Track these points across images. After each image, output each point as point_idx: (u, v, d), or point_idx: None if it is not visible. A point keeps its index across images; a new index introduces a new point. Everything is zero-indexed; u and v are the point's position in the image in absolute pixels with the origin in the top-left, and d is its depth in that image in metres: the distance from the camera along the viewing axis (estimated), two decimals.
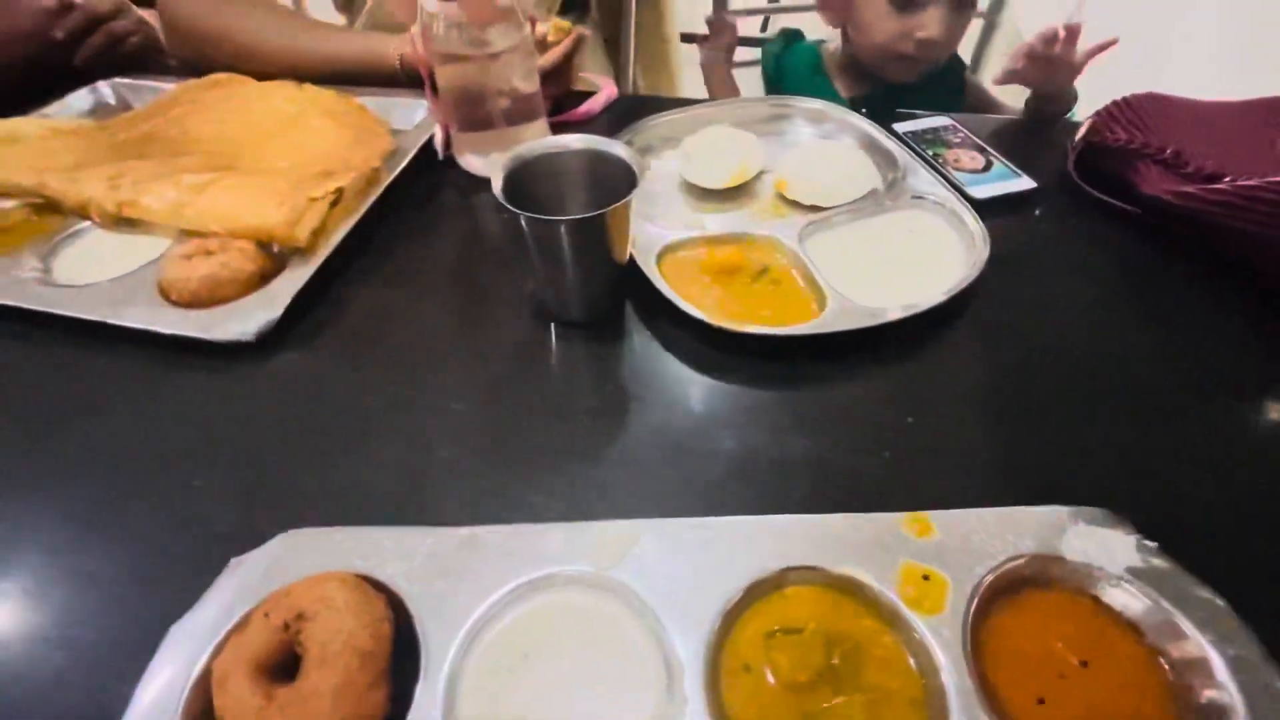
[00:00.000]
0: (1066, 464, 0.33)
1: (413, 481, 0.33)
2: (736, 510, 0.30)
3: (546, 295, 0.40)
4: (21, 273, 0.43)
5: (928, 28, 0.62)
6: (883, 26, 0.64)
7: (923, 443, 0.34)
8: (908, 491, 0.32)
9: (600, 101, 0.61)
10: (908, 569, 0.26)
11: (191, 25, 0.62)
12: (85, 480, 0.34)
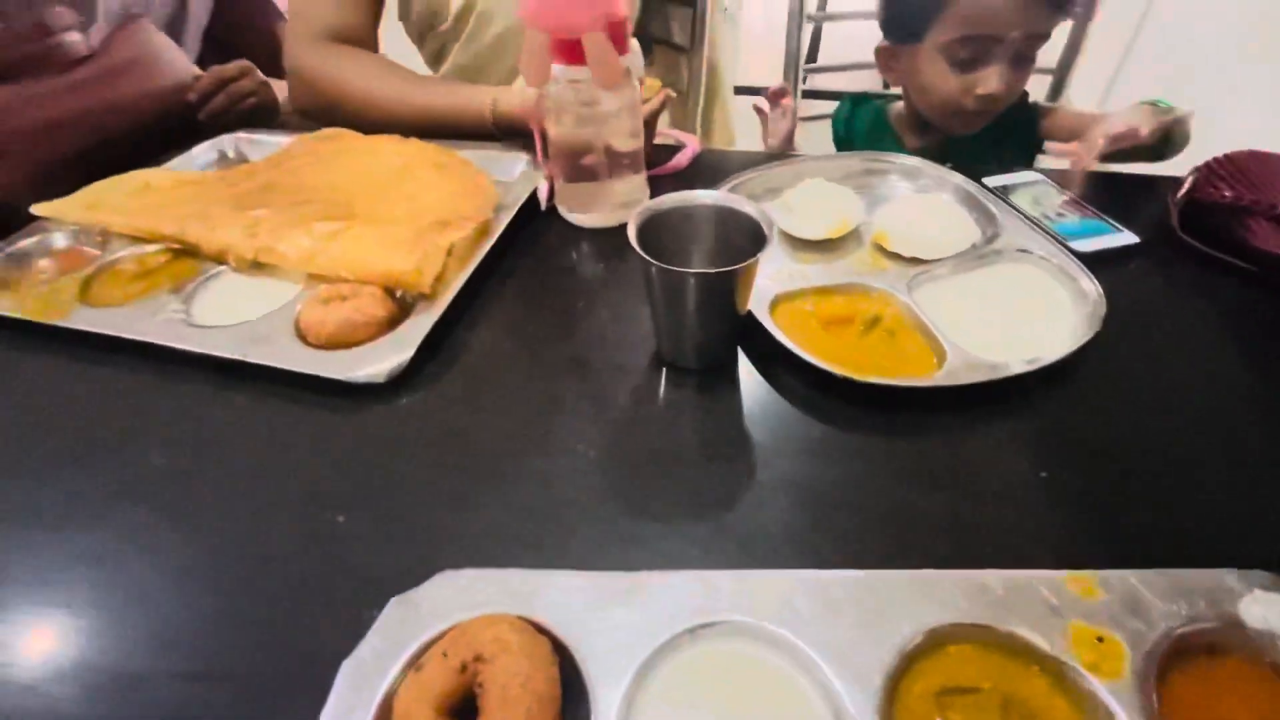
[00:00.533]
0: (1218, 524, 0.32)
1: (548, 524, 0.34)
2: (878, 562, 0.30)
3: (665, 341, 0.41)
4: (165, 314, 0.46)
5: (987, 83, 0.63)
6: (943, 84, 0.66)
7: (1060, 498, 0.34)
8: (1052, 549, 0.31)
9: (688, 156, 0.64)
10: (1079, 630, 0.26)
11: (314, 78, 0.66)
12: (231, 515, 0.35)
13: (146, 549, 0.34)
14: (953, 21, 0.61)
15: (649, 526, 0.34)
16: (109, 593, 0.32)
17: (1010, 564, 0.29)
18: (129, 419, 0.41)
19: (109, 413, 0.42)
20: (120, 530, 0.35)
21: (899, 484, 0.35)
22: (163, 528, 0.35)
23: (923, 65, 0.65)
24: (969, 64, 0.62)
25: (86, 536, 0.35)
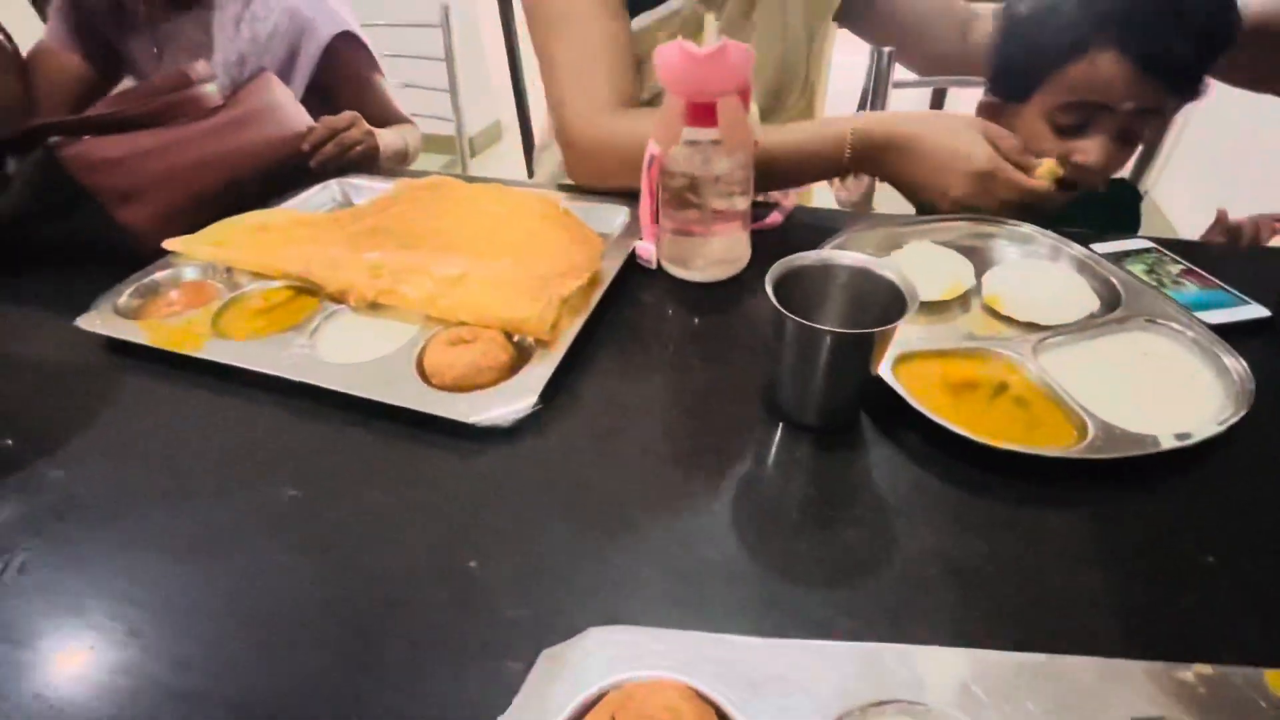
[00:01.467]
0: None
1: (685, 581, 0.33)
2: (1044, 645, 0.28)
3: (790, 397, 0.41)
4: (294, 349, 0.47)
5: (1087, 153, 0.63)
6: (1040, 148, 0.66)
7: (1234, 585, 0.32)
8: (1236, 642, 0.29)
9: (782, 214, 0.65)
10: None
11: (619, 145, 0.63)
12: (362, 554, 0.35)
13: (276, 585, 0.34)
14: (1063, 85, 0.61)
15: (791, 589, 0.32)
16: (241, 627, 0.32)
17: (1192, 655, 0.27)
18: (261, 451, 0.42)
19: (242, 444, 0.43)
20: (251, 563, 0.35)
21: (1053, 560, 0.33)
22: (293, 563, 0.35)
23: (1023, 126, 0.65)
24: (1071, 131, 0.62)
25: (219, 565, 0.35)
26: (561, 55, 0.67)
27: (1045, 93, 0.62)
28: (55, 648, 0.31)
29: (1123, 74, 0.58)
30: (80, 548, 0.36)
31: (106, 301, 0.52)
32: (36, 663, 0.31)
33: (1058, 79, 0.61)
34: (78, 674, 0.30)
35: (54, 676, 0.30)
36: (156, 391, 0.47)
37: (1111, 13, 0.58)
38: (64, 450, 0.43)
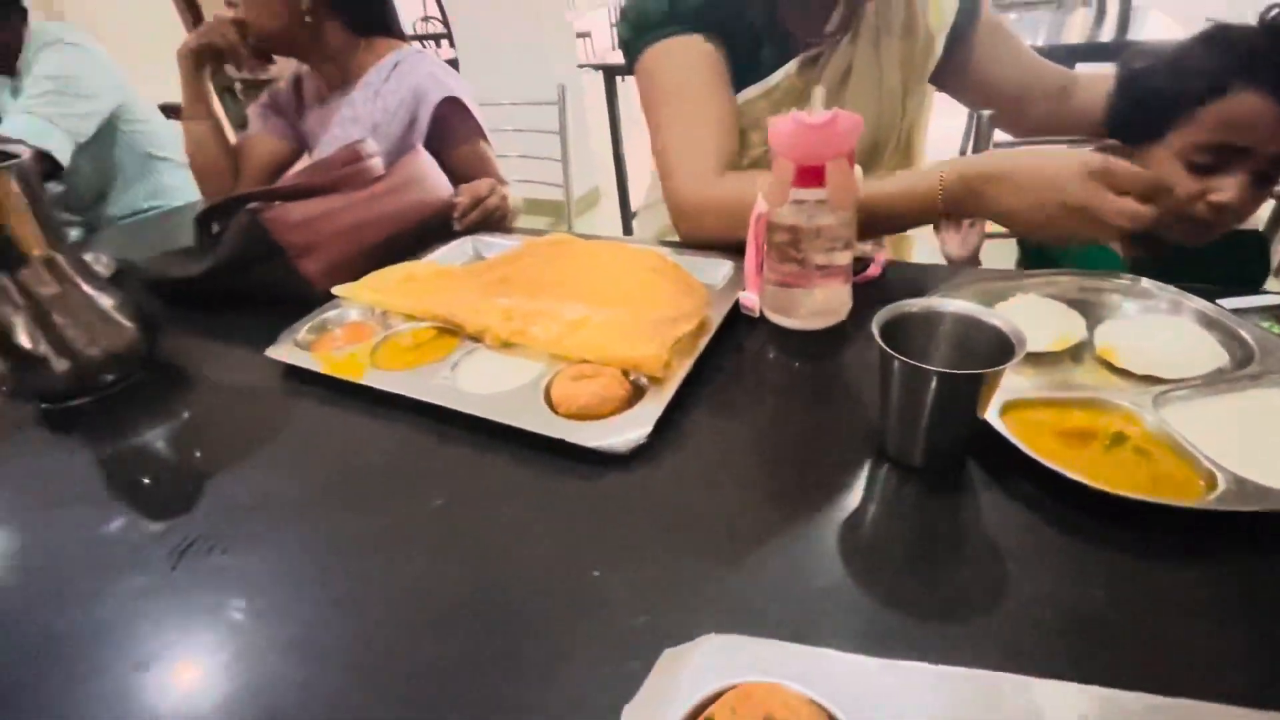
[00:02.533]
0: None
1: (793, 605, 0.35)
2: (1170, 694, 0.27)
3: (894, 438, 0.43)
4: (439, 379, 0.54)
5: (1225, 192, 0.61)
6: (1179, 188, 0.64)
7: None
8: None
9: (878, 267, 0.67)
10: None
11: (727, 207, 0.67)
12: (497, 559, 0.40)
13: (424, 580, 0.39)
14: (1201, 125, 0.61)
15: (901, 620, 0.33)
16: (393, 615, 0.37)
17: None
18: (411, 466, 0.48)
19: (395, 459, 0.49)
20: (403, 560, 0.40)
21: (1179, 612, 0.32)
22: (439, 562, 0.40)
23: (1154, 168, 0.64)
24: (1208, 170, 0.61)
25: (377, 560, 0.40)
26: (672, 126, 0.74)
27: (1182, 133, 0.62)
28: (234, 622, 0.37)
29: (1265, 114, 0.57)
30: (258, 541, 0.43)
31: (288, 336, 0.62)
32: (221, 630, 0.37)
33: (1196, 120, 0.61)
34: (252, 642, 0.36)
35: (237, 643, 0.36)
36: (325, 412, 0.55)
37: (1255, 53, 0.58)
38: (249, 459, 0.51)
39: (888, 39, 0.76)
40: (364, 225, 0.75)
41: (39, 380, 0.58)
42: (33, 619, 0.39)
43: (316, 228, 0.71)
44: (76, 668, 0.36)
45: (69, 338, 0.57)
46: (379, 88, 1.04)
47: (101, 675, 0.35)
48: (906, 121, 0.83)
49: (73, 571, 0.42)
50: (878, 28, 0.76)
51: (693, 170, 0.71)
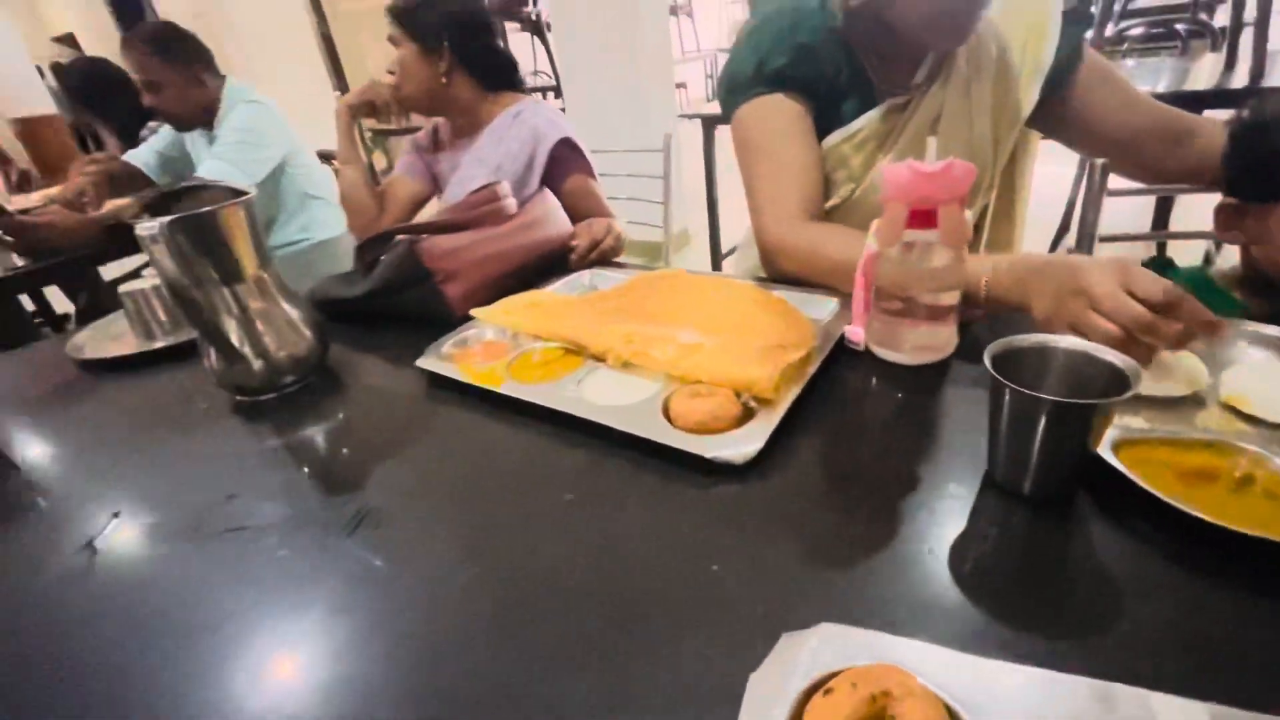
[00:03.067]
0: None
1: (903, 609, 0.37)
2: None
3: (1002, 465, 0.44)
4: (567, 391, 0.60)
5: None
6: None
7: None
8: None
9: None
10: None
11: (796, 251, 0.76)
12: (622, 548, 0.44)
13: (557, 565, 0.44)
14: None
15: (1014, 635, 0.35)
16: (529, 595, 0.42)
17: None
18: (542, 466, 0.54)
19: (528, 459, 0.55)
20: (537, 546, 0.46)
21: None
22: (570, 550, 0.45)
23: (1274, 227, 0.62)
24: None
25: (515, 544, 0.46)
26: (761, 175, 0.82)
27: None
28: (386, 591, 0.44)
29: None
30: (414, 519, 0.50)
31: (434, 350, 0.71)
32: (388, 587, 0.43)
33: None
34: (412, 600, 0.42)
35: (399, 599, 0.42)
36: (466, 416, 0.63)
37: None
38: (403, 452, 0.59)
39: (979, 85, 0.79)
40: (498, 256, 0.84)
41: (239, 376, 0.69)
42: (233, 566, 0.48)
43: (460, 257, 0.81)
44: (275, 605, 0.43)
45: (266, 343, 0.69)
46: (502, 134, 1.18)
47: (302, 614, 0.42)
48: (998, 164, 0.84)
49: (266, 533, 0.51)
50: (969, 75, 0.79)
51: (776, 215, 0.79)
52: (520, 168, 1.16)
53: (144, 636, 0.43)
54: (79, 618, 0.45)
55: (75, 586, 0.48)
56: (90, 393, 0.81)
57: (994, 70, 0.79)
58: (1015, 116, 0.81)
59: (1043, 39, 0.77)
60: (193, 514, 0.54)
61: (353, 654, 0.39)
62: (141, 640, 0.42)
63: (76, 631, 0.44)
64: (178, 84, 1.55)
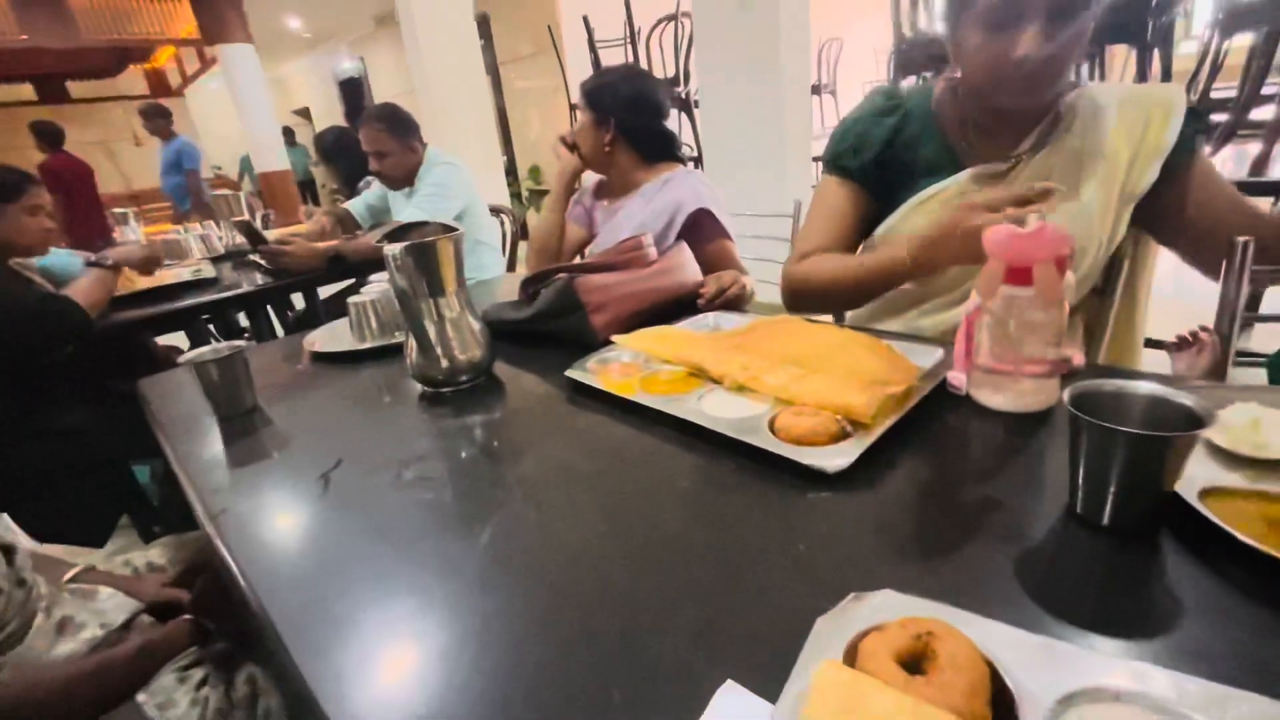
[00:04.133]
0: None
1: (970, 600, 0.43)
2: None
3: (1083, 496, 0.48)
4: (689, 403, 0.71)
5: None
6: None
7: None
8: None
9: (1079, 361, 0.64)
10: None
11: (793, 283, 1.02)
12: (731, 524, 0.53)
13: (669, 536, 0.54)
14: None
15: (1083, 639, 0.40)
16: (649, 562, 0.52)
17: None
18: (664, 460, 0.65)
19: (652, 454, 0.66)
20: (657, 521, 0.56)
21: None
22: (684, 525, 0.55)
23: None
24: None
25: (637, 520, 0.56)
26: (801, 234, 1.04)
27: None
28: (539, 537, 0.56)
29: None
30: (560, 490, 0.62)
31: (579, 365, 0.85)
32: (531, 540, 0.55)
33: None
34: (561, 545, 0.54)
35: (551, 543, 0.54)
36: (602, 419, 0.75)
37: None
38: (553, 440, 0.72)
39: (1092, 160, 0.83)
40: (639, 294, 0.99)
41: (429, 370, 0.87)
42: (422, 503, 0.62)
43: (607, 293, 0.97)
44: (454, 533, 0.57)
45: (452, 346, 0.86)
46: (651, 196, 1.36)
47: (471, 543, 0.56)
48: (1111, 240, 0.85)
49: (446, 483, 0.65)
50: (1081, 149, 0.83)
51: (791, 260, 1.02)
52: (661, 227, 1.33)
53: (355, 542, 0.58)
54: (318, 523, 0.62)
55: (314, 503, 0.65)
56: (320, 376, 1.04)
57: (1107, 145, 0.83)
58: (1130, 192, 0.83)
59: (1166, 121, 0.80)
60: (394, 465, 0.70)
61: (509, 577, 0.51)
62: (352, 544, 0.57)
63: (317, 531, 0.60)
64: (398, 152, 1.93)
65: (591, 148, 1.39)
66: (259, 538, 0.61)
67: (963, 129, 0.91)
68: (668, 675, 0.40)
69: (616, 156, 1.40)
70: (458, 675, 0.42)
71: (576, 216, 1.52)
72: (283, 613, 0.49)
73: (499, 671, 0.42)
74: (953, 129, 0.93)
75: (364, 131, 1.91)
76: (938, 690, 0.33)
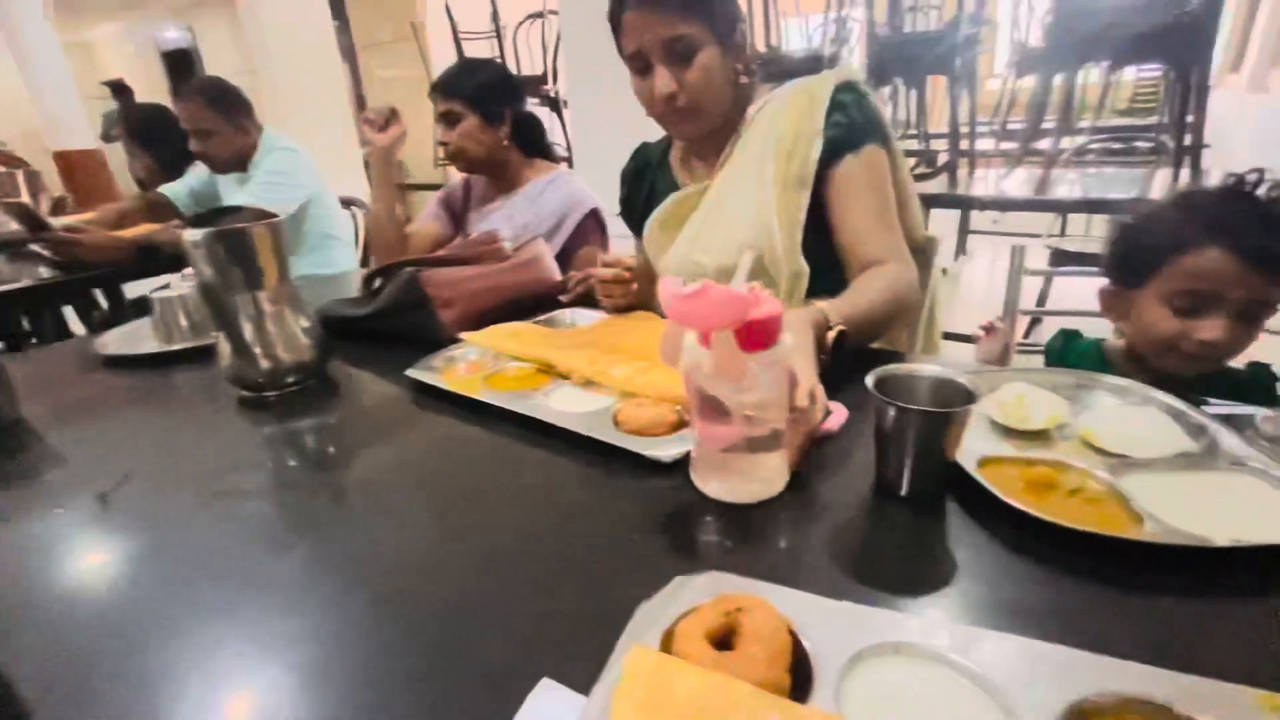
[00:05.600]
0: None
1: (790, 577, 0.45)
2: None
3: (888, 472, 0.53)
4: (534, 400, 0.69)
5: (1206, 331, 0.69)
6: (1164, 326, 0.72)
7: None
8: None
9: (836, 421, 0.62)
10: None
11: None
12: (576, 514, 0.52)
13: (514, 527, 0.52)
14: (1177, 274, 0.70)
15: (867, 591, 0.43)
16: (485, 556, 0.50)
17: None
18: (508, 458, 0.63)
19: (495, 453, 0.64)
20: (501, 516, 0.54)
21: (1106, 615, 0.40)
22: (530, 517, 0.53)
23: (1144, 308, 0.74)
24: (1189, 312, 0.70)
25: (481, 516, 0.54)
26: None
27: (1161, 279, 0.72)
28: (362, 538, 0.52)
29: (1229, 267, 0.66)
30: (391, 492, 0.58)
31: (423, 364, 0.81)
32: (352, 544, 0.51)
33: (1171, 269, 0.71)
34: (368, 553, 0.50)
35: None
36: (445, 421, 0.71)
37: (1215, 217, 0.68)
38: (381, 444, 0.68)
39: (766, 158, 0.89)
40: (491, 290, 0.96)
41: (246, 372, 0.78)
42: (225, 517, 0.55)
43: (457, 287, 0.92)
44: (260, 549, 0.51)
45: (274, 344, 0.78)
46: (535, 197, 1.34)
47: (281, 555, 0.50)
48: (788, 225, 0.88)
49: (254, 495, 0.59)
50: (760, 152, 0.89)
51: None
52: (546, 229, 1.30)
53: (137, 570, 0.50)
54: (88, 550, 0.53)
55: (85, 529, 0.56)
56: (112, 384, 0.90)
57: (777, 148, 0.88)
58: (799, 175, 0.87)
59: (822, 102, 0.86)
60: (191, 478, 0.62)
61: (326, 592, 0.47)
62: (134, 571, 0.50)
63: (80, 564, 0.52)
64: (224, 132, 1.72)
65: (486, 148, 1.33)
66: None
67: (682, 163, 1.03)
68: (489, 678, 0.38)
69: (509, 154, 1.37)
70: (267, 705, 0.37)
71: (436, 216, 1.44)
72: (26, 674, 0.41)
73: (306, 691, 0.38)
74: (676, 164, 1.04)
75: (184, 106, 1.69)
76: (742, 663, 0.34)
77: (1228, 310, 0.68)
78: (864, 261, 0.85)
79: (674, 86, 0.85)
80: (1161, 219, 0.72)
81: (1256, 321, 0.69)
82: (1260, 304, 0.67)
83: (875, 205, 0.87)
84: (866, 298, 0.77)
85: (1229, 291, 0.67)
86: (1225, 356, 0.70)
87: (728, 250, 0.91)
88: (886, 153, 0.88)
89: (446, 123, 1.32)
